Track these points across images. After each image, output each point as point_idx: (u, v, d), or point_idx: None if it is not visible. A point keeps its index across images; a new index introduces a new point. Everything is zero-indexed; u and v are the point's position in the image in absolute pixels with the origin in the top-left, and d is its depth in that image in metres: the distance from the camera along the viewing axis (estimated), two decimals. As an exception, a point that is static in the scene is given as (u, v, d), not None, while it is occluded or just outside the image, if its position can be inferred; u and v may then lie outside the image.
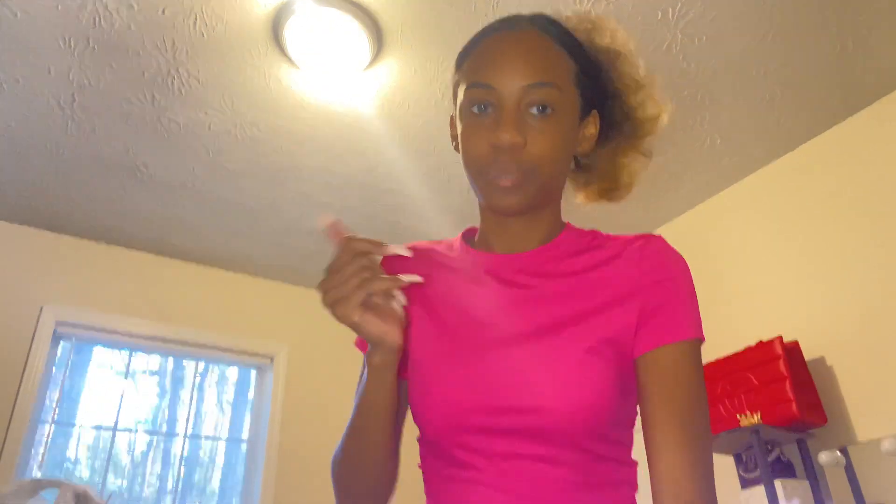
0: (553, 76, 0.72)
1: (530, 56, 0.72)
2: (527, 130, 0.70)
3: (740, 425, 2.25)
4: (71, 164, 2.71)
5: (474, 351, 0.71)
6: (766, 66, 2.29)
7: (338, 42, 2.10)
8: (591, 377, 0.66)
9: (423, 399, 0.72)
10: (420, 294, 0.79)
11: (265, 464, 3.30)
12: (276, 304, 3.72)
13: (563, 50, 0.75)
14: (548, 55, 0.73)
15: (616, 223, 3.24)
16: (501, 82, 0.70)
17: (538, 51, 0.73)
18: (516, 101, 0.70)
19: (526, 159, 0.69)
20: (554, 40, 0.75)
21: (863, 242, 2.40)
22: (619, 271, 0.73)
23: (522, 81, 0.70)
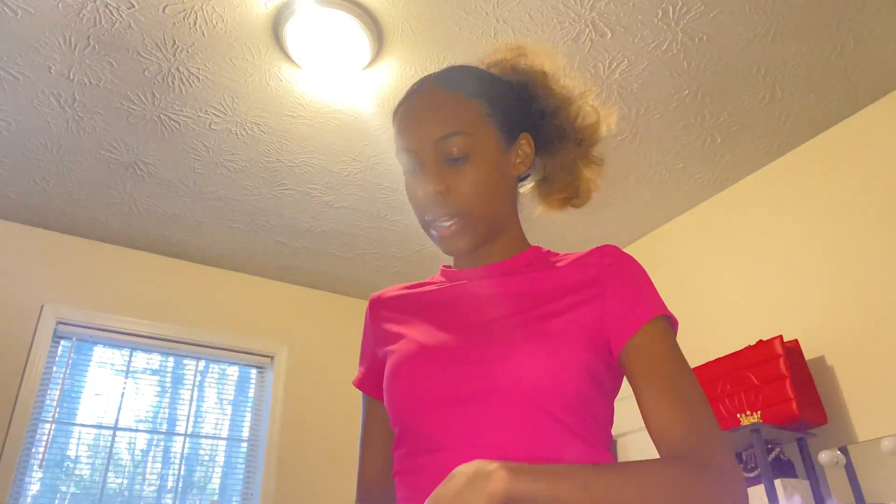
0: (458, 124, 0.77)
1: (433, 113, 0.79)
2: (449, 178, 0.77)
3: (740, 424, 2.25)
4: (71, 162, 2.71)
5: (445, 336, 0.76)
6: (767, 65, 2.29)
7: (338, 41, 2.10)
8: (555, 362, 0.69)
9: (396, 381, 0.75)
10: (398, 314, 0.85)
11: (265, 463, 3.30)
12: (276, 304, 3.72)
13: (467, 95, 0.80)
14: (449, 107, 0.79)
15: (617, 223, 3.25)
16: (415, 143, 0.79)
17: (440, 106, 0.79)
18: (433, 156, 0.78)
19: (454, 204, 0.76)
20: (456, 90, 0.80)
21: (863, 242, 2.40)
22: (580, 270, 0.78)
23: (431, 137, 0.77)
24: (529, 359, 0.69)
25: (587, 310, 0.73)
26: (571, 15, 2.07)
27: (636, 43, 2.18)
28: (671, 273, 3.15)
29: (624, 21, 2.10)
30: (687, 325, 2.97)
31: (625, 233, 3.33)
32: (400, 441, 0.75)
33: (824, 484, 2.23)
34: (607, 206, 3.09)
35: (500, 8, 2.04)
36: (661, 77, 2.33)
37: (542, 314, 0.74)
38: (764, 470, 2.17)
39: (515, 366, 0.69)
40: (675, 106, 2.48)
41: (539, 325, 0.73)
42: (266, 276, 3.74)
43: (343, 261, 3.55)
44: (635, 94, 2.40)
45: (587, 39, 2.17)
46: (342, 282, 3.78)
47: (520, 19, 2.08)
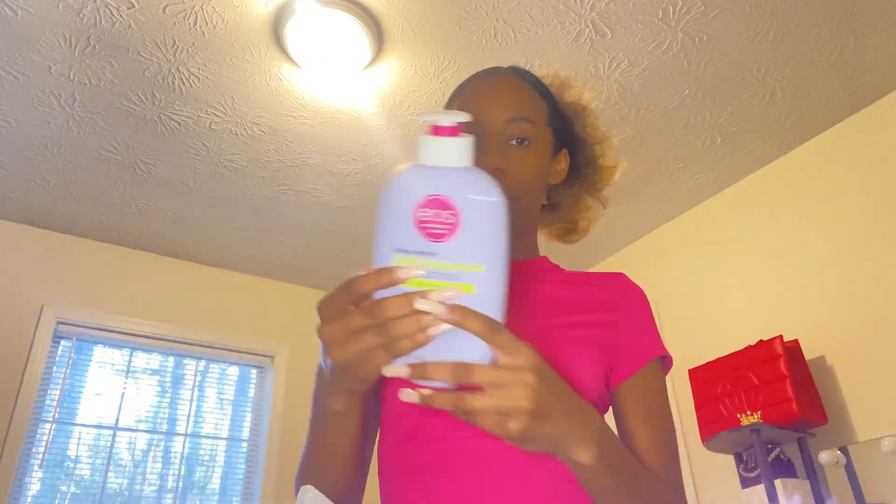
0: (530, 113, 0.82)
1: (510, 95, 0.82)
2: (508, 159, 0.78)
3: (741, 424, 2.25)
4: (71, 162, 2.71)
5: None
6: (767, 64, 2.29)
7: (338, 41, 2.10)
8: (582, 368, 0.73)
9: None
10: None
11: (265, 463, 3.30)
12: (276, 304, 3.72)
13: (537, 93, 0.85)
14: (525, 96, 0.83)
15: (617, 223, 3.25)
16: (486, 116, 0.80)
17: (517, 91, 0.83)
18: (499, 133, 0.79)
19: (508, 184, 0.77)
20: (529, 84, 0.85)
21: (863, 242, 2.40)
22: (598, 291, 0.83)
23: (504, 116, 0.80)
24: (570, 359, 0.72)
25: (603, 333, 0.77)
26: (571, 15, 2.07)
27: (636, 43, 2.18)
28: (671, 273, 3.15)
29: (624, 21, 2.10)
30: (687, 326, 2.98)
31: (625, 233, 3.33)
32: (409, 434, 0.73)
33: (824, 484, 2.24)
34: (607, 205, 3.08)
35: (500, 8, 2.04)
36: (661, 77, 2.33)
37: (567, 322, 0.77)
38: (764, 470, 2.17)
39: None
40: (675, 106, 2.48)
41: (565, 331, 0.76)
42: (266, 276, 3.74)
43: (343, 261, 3.55)
44: (635, 94, 2.40)
45: (587, 39, 2.17)
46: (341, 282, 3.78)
47: (520, 19, 2.08)
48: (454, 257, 0.50)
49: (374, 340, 0.51)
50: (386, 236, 0.52)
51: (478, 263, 0.50)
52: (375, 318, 0.50)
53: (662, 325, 3.11)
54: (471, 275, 0.50)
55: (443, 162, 0.52)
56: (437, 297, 0.48)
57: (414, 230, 0.51)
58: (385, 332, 0.50)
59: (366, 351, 0.51)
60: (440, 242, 0.50)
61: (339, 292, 0.52)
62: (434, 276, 0.49)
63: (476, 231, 0.51)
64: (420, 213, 0.51)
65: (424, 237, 0.50)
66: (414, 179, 0.52)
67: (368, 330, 0.51)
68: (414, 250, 0.50)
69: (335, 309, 0.52)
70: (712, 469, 2.67)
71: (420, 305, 0.48)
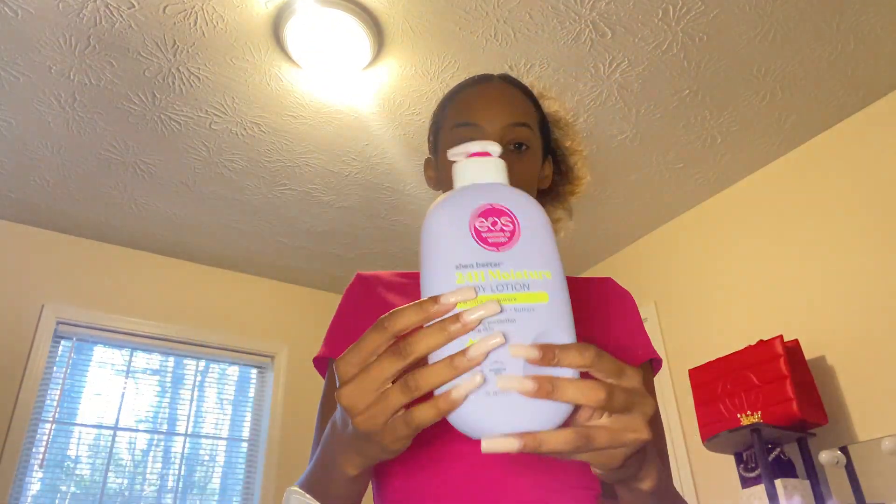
0: (527, 118, 0.82)
1: (508, 101, 0.81)
2: (509, 165, 0.77)
3: (741, 424, 2.25)
4: (71, 162, 2.71)
5: None
6: (767, 64, 2.29)
7: (338, 41, 2.10)
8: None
9: None
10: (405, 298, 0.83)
11: (265, 463, 3.30)
12: (276, 304, 3.72)
13: (531, 101, 0.86)
14: (521, 102, 0.83)
15: (617, 222, 3.25)
16: (485, 121, 0.79)
17: (513, 97, 0.83)
18: (499, 139, 0.78)
19: None
20: (523, 92, 0.86)
21: (863, 242, 2.40)
22: (589, 293, 0.84)
23: (503, 121, 0.79)
24: None
25: (594, 338, 0.78)
26: (571, 15, 2.07)
27: (636, 43, 2.18)
28: (671, 273, 3.15)
29: (624, 21, 2.10)
30: (687, 325, 2.98)
31: (625, 232, 3.33)
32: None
33: (824, 484, 2.24)
34: (607, 205, 3.09)
35: (500, 8, 2.04)
36: (661, 77, 2.33)
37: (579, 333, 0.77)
38: (764, 470, 2.17)
39: None
40: (675, 106, 2.48)
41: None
42: (266, 276, 3.74)
43: (343, 261, 3.55)
44: (635, 94, 2.40)
45: (587, 39, 2.17)
46: (342, 282, 3.78)
47: (520, 19, 2.08)
48: (520, 265, 0.45)
49: (399, 399, 0.41)
50: (442, 255, 0.45)
51: (545, 269, 0.46)
52: (405, 359, 0.41)
53: (662, 325, 3.11)
54: (540, 282, 0.45)
55: (485, 180, 0.49)
56: (481, 349, 0.40)
57: (473, 241, 0.45)
58: (413, 389, 0.40)
59: (394, 416, 0.42)
60: (503, 251, 0.45)
61: (367, 339, 0.42)
62: (502, 289, 0.44)
63: (534, 236, 0.47)
64: (477, 224, 0.46)
65: (485, 247, 0.45)
66: (461, 197, 0.48)
67: (397, 387, 0.41)
68: (477, 262, 0.44)
69: (357, 359, 0.42)
70: (712, 469, 2.67)
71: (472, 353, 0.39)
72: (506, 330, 0.41)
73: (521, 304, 0.43)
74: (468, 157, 0.51)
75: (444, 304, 0.41)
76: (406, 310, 0.41)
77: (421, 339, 0.40)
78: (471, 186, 0.49)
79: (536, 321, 0.43)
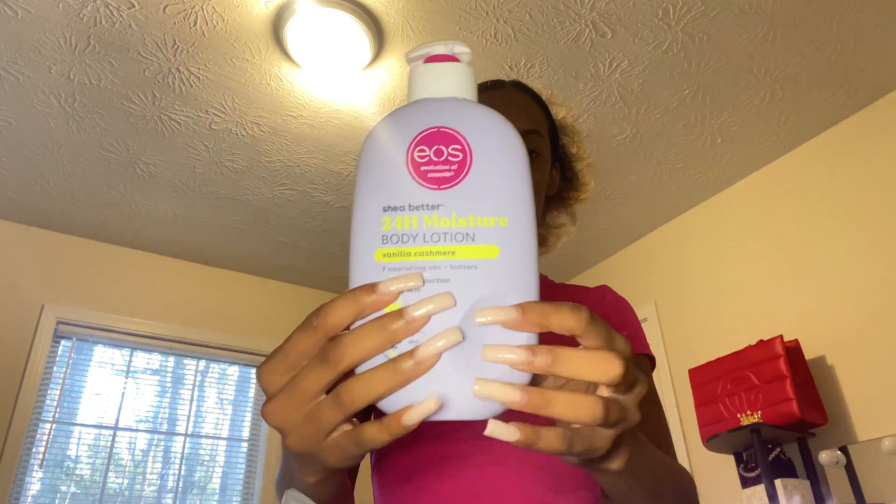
0: (538, 125, 0.83)
1: (521, 108, 0.82)
2: None
3: (741, 424, 2.25)
4: (71, 162, 2.71)
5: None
6: (767, 64, 2.29)
7: (338, 41, 2.10)
8: None
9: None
10: None
11: (265, 463, 3.31)
12: (276, 304, 3.72)
13: (540, 107, 0.87)
14: (532, 109, 0.84)
15: (617, 222, 3.25)
16: None
17: (525, 104, 0.84)
18: None
19: None
20: (532, 98, 0.87)
21: (863, 242, 2.40)
22: (585, 299, 0.85)
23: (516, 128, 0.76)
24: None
25: None
26: (571, 15, 2.07)
27: (636, 43, 2.18)
28: (671, 273, 3.15)
29: (624, 21, 2.10)
30: (687, 325, 2.98)
31: (625, 232, 3.33)
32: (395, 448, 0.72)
33: (824, 484, 2.24)
34: (607, 205, 3.09)
35: (500, 8, 2.04)
36: (661, 77, 2.33)
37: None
38: (764, 470, 2.17)
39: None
40: (675, 106, 2.48)
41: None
42: (266, 276, 3.74)
43: (343, 261, 3.55)
44: (635, 94, 2.40)
45: (587, 39, 2.17)
46: (342, 282, 3.78)
47: (520, 19, 2.08)
48: (466, 208, 0.35)
49: (333, 416, 0.33)
50: (368, 193, 0.36)
51: (499, 214, 0.35)
52: (336, 367, 0.33)
53: (662, 325, 3.11)
54: (490, 231, 0.35)
55: (440, 93, 0.39)
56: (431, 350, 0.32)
57: (409, 175, 0.36)
58: (346, 401, 0.33)
59: (331, 435, 0.35)
60: (446, 189, 0.36)
61: (292, 341, 0.34)
62: (440, 239, 0.34)
63: (492, 170, 0.36)
64: (416, 153, 0.36)
65: (424, 183, 0.36)
66: (403, 117, 0.38)
67: (329, 401, 0.33)
68: (409, 204, 0.35)
69: (282, 367, 0.34)
70: (712, 469, 2.67)
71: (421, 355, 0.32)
72: (433, 292, 0.33)
73: (459, 261, 0.34)
74: (426, 61, 0.40)
75: (381, 295, 0.33)
76: (336, 303, 0.33)
77: (353, 342, 0.32)
78: (420, 102, 0.38)
79: (478, 282, 0.34)
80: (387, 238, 0.35)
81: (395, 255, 0.34)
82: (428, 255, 0.34)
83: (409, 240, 0.34)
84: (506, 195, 0.36)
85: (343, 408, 0.33)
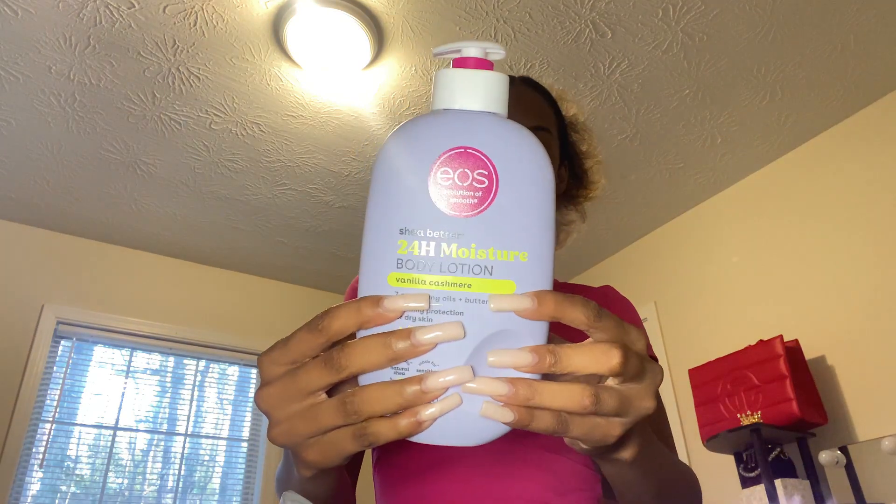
0: (547, 122, 0.83)
1: (530, 104, 0.82)
2: None
3: (741, 424, 2.25)
4: (71, 162, 2.71)
5: None
6: (767, 64, 2.29)
7: (338, 41, 2.10)
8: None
9: None
10: None
11: (265, 463, 3.30)
12: (275, 304, 3.72)
13: (549, 104, 0.87)
14: (541, 105, 0.84)
15: (617, 222, 3.25)
16: None
17: (534, 101, 0.83)
18: None
19: None
20: (542, 95, 0.86)
21: (864, 242, 2.40)
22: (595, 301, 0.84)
23: (525, 125, 0.79)
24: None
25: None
26: (571, 15, 2.07)
27: (636, 43, 2.18)
28: (672, 273, 3.15)
29: (624, 21, 2.10)
30: (687, 325, 2.98)
31: (625, 233, 3.33)
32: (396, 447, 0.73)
33: (824, 484, 2.24)
34: (607, 205, 3.09)
35: (500, 8, 2.04)
36: (661, 77, 2.33)
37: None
38: (764, 470, 2.17)
39: None
40: (675, 106, 2.48)
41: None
42: (266, 276, 3.74)
43: (343, 261, 3.55)
44: (635, 94, 2.40)
45: (587, 39, 2.17)
46: (342, 282, 3.78)
47: (520, 19, 2.08)
48: (488, 240, 0.34)
49: (333, 420, 0.34)
50: (384, 211, 0.35)
51: (520, 249, 0.34)
52: (337, 376, 0.34)
53: (662, 325, 3.11)
54: (509, 266, 0.34)
55: (468, 105, 0.36)
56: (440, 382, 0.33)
57: (429, 199, 0.34)
58: (351, 411, 0.34)
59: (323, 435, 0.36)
60: (468, 217, 0.34)
61: (296, 337, 0.35)
62: (457, 270, 0.33)
63: (518, 199, 0.34)
64: (440, 174, 0.34)
65: (444, 209, 0.34)
66: (428, 129, 0.35)
67: (332, 404, 0.34)
68: (428, 230, 0.34)
69: (284, 359, 0.35)
70: (712, 469, 2.67)
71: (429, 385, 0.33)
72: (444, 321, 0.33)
73: (475, 294, 0.33)
74: (457, 63, 0.37)
75: (386, 310, 0.33)
76: (342, 310, 0.34)
77: (359, 354, 0.33)
78: (447, 114, 0.36)
79: (492, 318, 0.33)
80: (401, 262, 0.34)
81: (409, 281, 0.34)
82: (443, 286, 0.33)
83: (426, 267, 0.34)
84: (529, 229, 0.35)
85: (346, 416, 0.34)
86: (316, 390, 0.35)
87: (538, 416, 0.34)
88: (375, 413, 0.33)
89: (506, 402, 0.33)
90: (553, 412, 0.34)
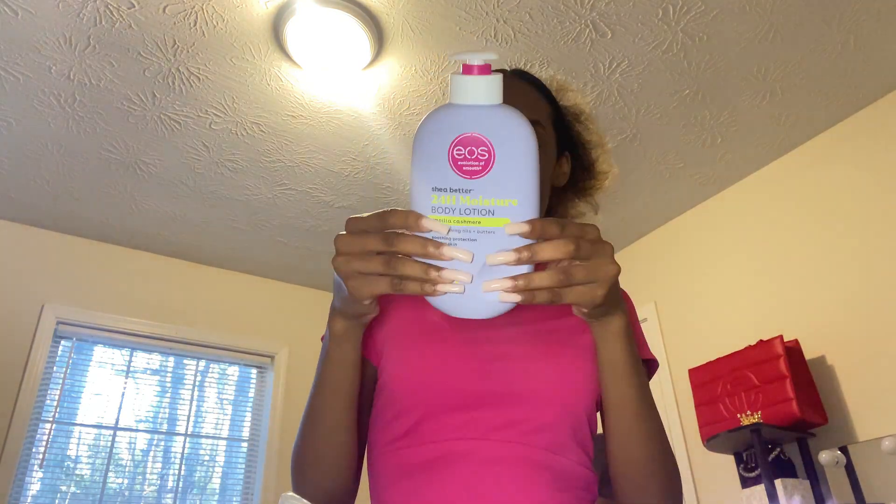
0: (539, 115, 0.82)
1: (518, 98, 0.81)
2: None
3: (741, 424, 2.25)
4: (72, 162, 2.71)
5: (469, 334, 0.73)
6: (767, 64, 2.29)
7: (338, 41, 2.10)
8: (580, 377, 0.72)
9: (419, 370, 0.71)
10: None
11: (265, 463, 3.30)
12: (276, 304, 3.72)
13: (542, 95, 0.87)
14: (533, 98, 0.84)
15: (616, 222, 3.25)
16: None
17: (524, 93, 0.84)
18: None
19: None
20: (535, 87, 0.87)
21: (863, 242, 2.40)
22: None
23: None
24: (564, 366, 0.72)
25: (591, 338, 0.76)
26: (571, 15, 2.07)
27: (636, 43, 2.18)
28: (671, 273, 3.15)
29: (624, 21, 2.10)
30: (687, 326, 2.98)
31: (625, 232, 3.33)
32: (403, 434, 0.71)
33: (824, 484, 2.23)
34: (607, 205, 3.09)
35: (500, 8, 2.04)
36: (661, 77, 2.33)
37: (561, 326, 0.76)
38: (764, 470, 2.17)
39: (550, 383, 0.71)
40: (675, 106, 2.48)
41: (560, 335, 0.75)
42: (266, 276, 3.74)
43: (343, 261, 3.55)
44: (635, 94, 2.40)
45: (587, 39, 2.17)
46: (342, 282, 3.78)
47: (520, 19, 2.08)
48: (489, 193, 0.52)
49: (378, 268, 0.52)
50: (423, 175, 0.54)
51: (511, 197, 0.53)
52: (389, 247, 0.51)
53: (662, 325, 3.11)
54: (504, 209, 0.52)
55: (474, 100, 0.53)
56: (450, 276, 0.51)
57: (450, 168, 0.53)
58: (393, 267, 0.52)
59: (367, 273, 0.53)
60: (475, 179, 0.53)
61: (371, 216, 0.53)
62: (471, 213, 0.52)
63: (509, 166, 0.53)
64: (455, 152, 0.53)
65: (460, 175, 0.53)
66: (447, 119, 0.53)
67: (379, 257, 0.52)
68: (450, 188, 0.53)
69: (360, 226, 0.54)
70: (712, 469, 2.67)
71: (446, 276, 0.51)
72: (469, 247, 0.52)
73: (483, 227, 0.52)
74: (465, 69, 0.54)
75: (422, 225, 0.52)
76: (399, 213, 0.52)
77: (407, 242, 0.51)
78: (458, 108, 0.53)
79: (496, 241, 0.52)
80: (435, 209, 0.53)
81: (440, 220, 0.53)
82: (462, 223, 0.52)
83: (450, 211, 0.53)
84: (518, 183, 0.53)
85: (388, 268, 0.52)
86: (373, 251, 0.52)
87: (538, 293, 0.51)
88: (404, 251, 0.51)
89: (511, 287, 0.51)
90: (548, 289, 0.51)
